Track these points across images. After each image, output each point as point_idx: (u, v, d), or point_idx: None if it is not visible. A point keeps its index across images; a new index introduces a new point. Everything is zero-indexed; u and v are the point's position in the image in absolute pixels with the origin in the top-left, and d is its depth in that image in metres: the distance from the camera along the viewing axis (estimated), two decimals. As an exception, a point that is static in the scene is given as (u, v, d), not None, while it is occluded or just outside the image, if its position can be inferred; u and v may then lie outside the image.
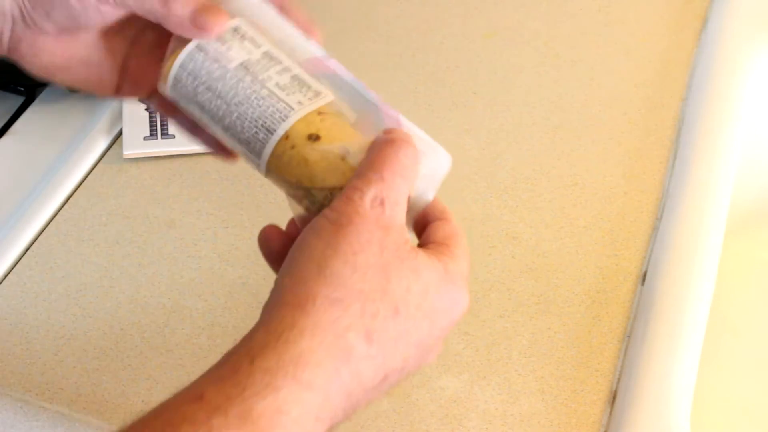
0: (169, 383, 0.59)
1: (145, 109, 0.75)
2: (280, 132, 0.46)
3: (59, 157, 0.72)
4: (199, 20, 0.47)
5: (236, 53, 0.47)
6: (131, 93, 0.53)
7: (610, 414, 0.58)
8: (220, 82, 0.47)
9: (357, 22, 0.84)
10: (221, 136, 0.48)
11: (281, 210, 0.69)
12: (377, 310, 0.42)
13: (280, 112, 0.46)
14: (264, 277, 0.64)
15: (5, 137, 0.74)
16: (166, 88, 0.48)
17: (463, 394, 0.59)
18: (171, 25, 0.48)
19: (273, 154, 0.46)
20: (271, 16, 0.49)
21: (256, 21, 0.49)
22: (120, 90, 0.53)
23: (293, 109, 0.46)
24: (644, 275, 0.65)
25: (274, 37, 0.49)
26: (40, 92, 0.77)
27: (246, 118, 0.47)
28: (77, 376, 0.59)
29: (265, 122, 0.46)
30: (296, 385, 0.40)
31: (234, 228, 0.68)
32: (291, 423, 0.39)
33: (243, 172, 0.71)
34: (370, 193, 0.43)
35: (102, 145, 0.73)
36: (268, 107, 0.46)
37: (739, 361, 0.81)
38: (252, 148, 0.47)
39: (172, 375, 0.60)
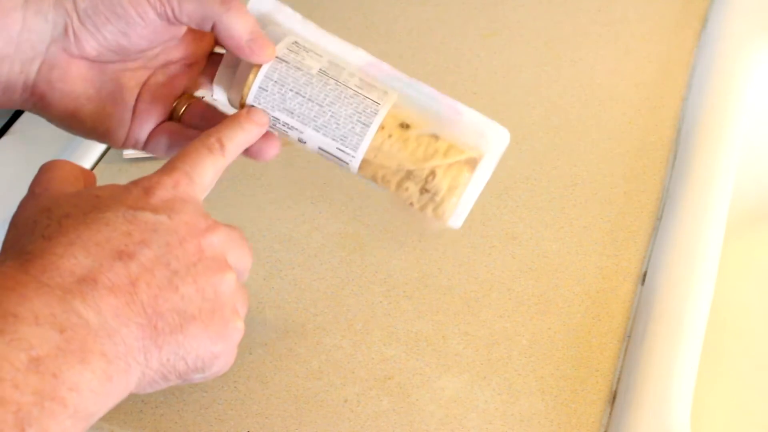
0: (169, 383, 0.59)
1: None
2: (376, 124, 0.51)
3: (59, 157, 0.72)
4: (256, 42, 0.51)
5: (310, 62, 0.51)
6: (135, 136, 0.55)
7: (610, 414, 0.58)
8: (308, 87, 0.51)
9: (357, 22, 0.84)
10: (310, 136, 0.51)
11: (282, 210, 0.69)
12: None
13: (370, 108, 0.51)
14: (264, 277, 0.64)
15: (5, 137, 0.74)
16: (248, 99, 0.52)
17: (463, 394, 0.59)
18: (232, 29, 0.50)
19: (371, 146, 0.51)
20: (315, 30, 0.53)
21: (305, 35, 0.53)
22: (128, 134, 0.55)
23: (379, 104, 0.51)
24: (644, 275, 0.65)
25: (325, 48, 0.53)
26: (40, 92, 0.77)
27: (340, 116, 0.51)
28: (77, 376, 0.59)
29: (360, 117, 0.51)
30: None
31: (234, 228, 0.68)
32: None
33: (242, 172, 0.71)
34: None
35: (102, 145, 0.73)
36: (359, 104, 0.51)
37: (739, 361, 0.81)
38: (348, 143, 0.51)
39: (172, 375, 0.59)
